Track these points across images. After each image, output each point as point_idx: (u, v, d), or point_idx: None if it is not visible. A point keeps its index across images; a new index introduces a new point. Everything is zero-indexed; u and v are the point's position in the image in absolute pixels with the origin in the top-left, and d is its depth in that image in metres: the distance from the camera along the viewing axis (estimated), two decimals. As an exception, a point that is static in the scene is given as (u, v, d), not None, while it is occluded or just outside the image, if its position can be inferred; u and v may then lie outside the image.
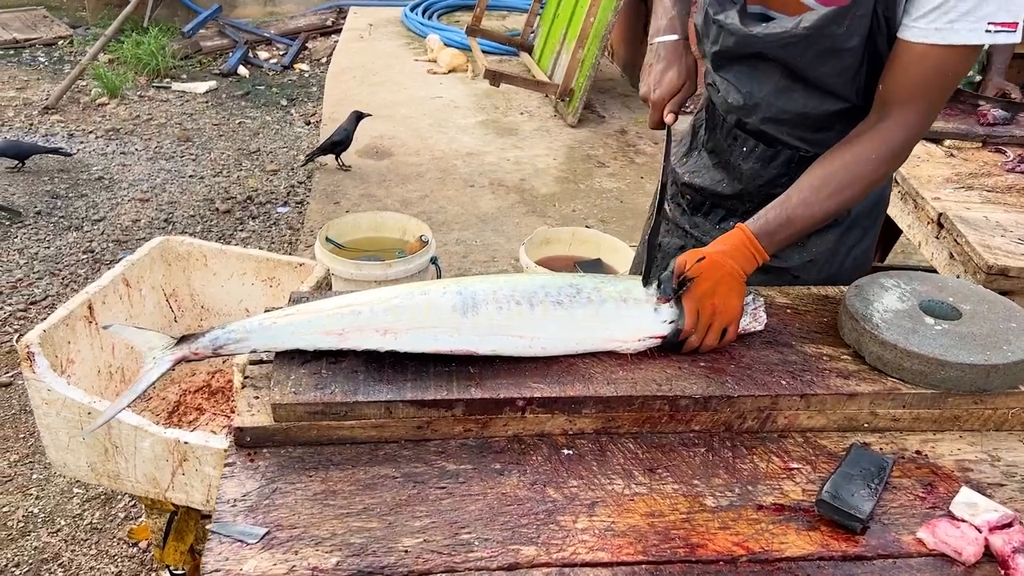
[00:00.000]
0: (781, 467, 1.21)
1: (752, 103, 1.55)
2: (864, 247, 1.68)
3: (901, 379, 1.29)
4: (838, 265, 1.66)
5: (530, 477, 1.17)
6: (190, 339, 1.26)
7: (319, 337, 1.25)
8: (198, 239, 2.37)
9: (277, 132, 5.68)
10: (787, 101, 1.51)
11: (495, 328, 1.27)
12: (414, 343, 1.25)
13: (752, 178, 1.64)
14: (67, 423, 1.92)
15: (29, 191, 4.61)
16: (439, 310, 1.27)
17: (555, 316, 1.30)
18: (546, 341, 1.29)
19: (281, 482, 1.14)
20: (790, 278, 1.67)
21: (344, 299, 1.30)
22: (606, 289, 1.34)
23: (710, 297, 1.32)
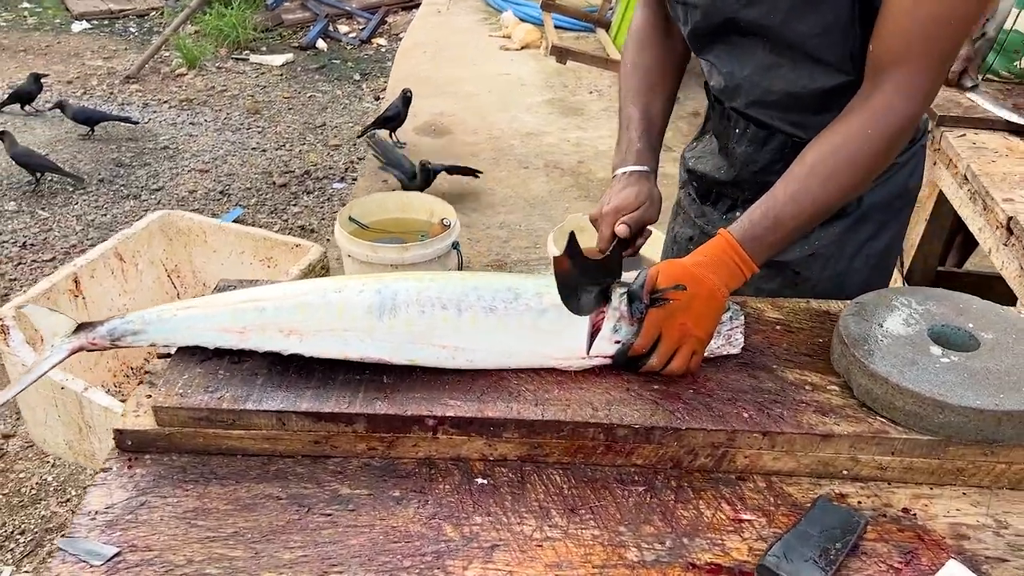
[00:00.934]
0: (730, 517, 1.02)
1: (734, 84, 1.36)
2: (881, 245, 1.44)
3: (892, 420, 1.07)
4: (847, 261, 1.43)
5: (430, 509, 1.02)
6: (88, 328, 1.16)
7: (218, 335, 1.13)
8: (198, 215, 2.29)
9: (345, 107, 5.63)
10: (772, 80, 1.30)
11: (414, 335, 1.12)
12: (321, 347, 1.11)
13: (745, 163, 1.44)
14: (43, 399, 1.87)
15: (96, 158, 4.70)
16: (352, 311, 1.12)
17: (486, 325, 1.13)
18: (472, 353, 1.12)
19: (152, 495, 1.03)
20: (791, 274, 1.45)
21: (252, 292, 1.17)
22: (549, 295, 1.16)
23: (681, 315, 1.12)
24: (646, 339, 1.12)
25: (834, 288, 1.43)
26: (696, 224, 1.61)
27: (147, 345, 1.16)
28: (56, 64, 6.12)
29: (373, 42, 6.88)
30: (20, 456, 2.72)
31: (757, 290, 1.47)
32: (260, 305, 1.14)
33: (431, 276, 1.18)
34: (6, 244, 3.86)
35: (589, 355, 1.14)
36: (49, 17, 7.16)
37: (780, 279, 1.46)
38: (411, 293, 1.14)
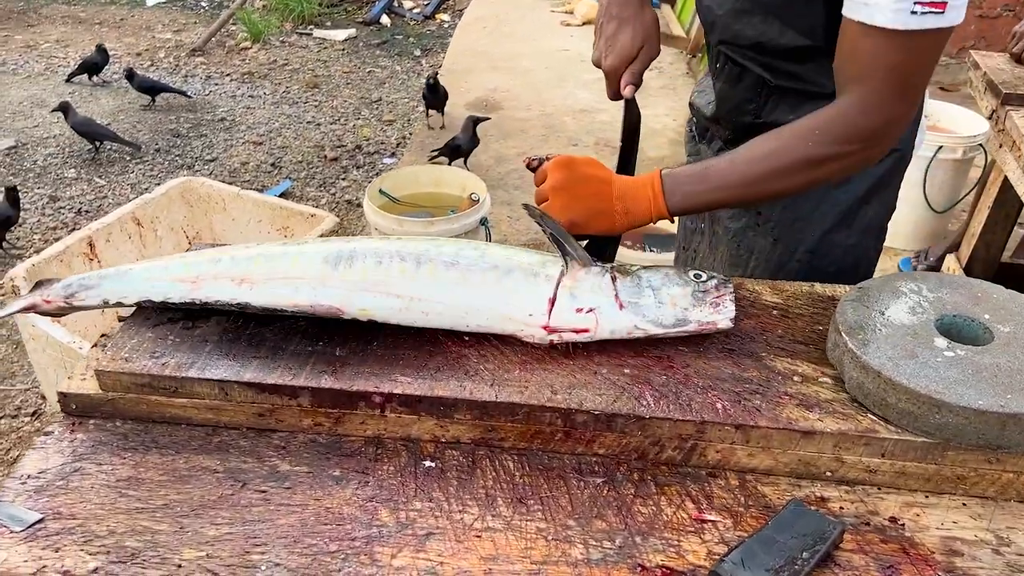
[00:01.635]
0: (692, 516, 0.92)
1: (710, 20, 1.36)
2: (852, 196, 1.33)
3: (884, 418, 0.96)
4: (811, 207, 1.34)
5: (369, 491, 0.95)
6: (44, 285, 1.13)
7: (171, 284, 1.08)
8: (218, 182, 2.27)
9: (403, 83, 5.60)
10: (744, 25, 1.28)
11: (368, 284, 1.05)
12: (271, 296, 1.06)
13: (723, 99, 1.42)
14: (53, 361, 1.88)
15: (154, 128, 4.78)
16: (308, 259, 1.07)
17: (445, 277, 1.06)
18: (427, 304, 1.05)
19: (88, 461, 0.99)
20: (754, 214, 1.42)
21: (213, 250, 1.13)
22: (518, 258, 1.09)
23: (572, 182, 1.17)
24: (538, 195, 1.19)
25: (793, 234, 1.37)
26: (688, 161, 1.59)
27: (99, 302, 1.12)
28: (128, 37, 6.26)
29: (436, 17, 6.84)
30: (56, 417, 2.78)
31: (725, 229, 1.46)
32: (216, 256, 1.10)
33: (398, 237, 1.12)
34: (63, 210, 3.96)
35: (551, 325, 1.06)
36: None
37: (746, 219, 1.43)
38: (371, 248, 1.08)
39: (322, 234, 1.98)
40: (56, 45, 6.03)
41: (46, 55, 5.82)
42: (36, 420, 2.79)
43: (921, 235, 3.39)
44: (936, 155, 3.16)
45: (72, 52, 5.85)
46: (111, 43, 5.64)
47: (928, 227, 3.38)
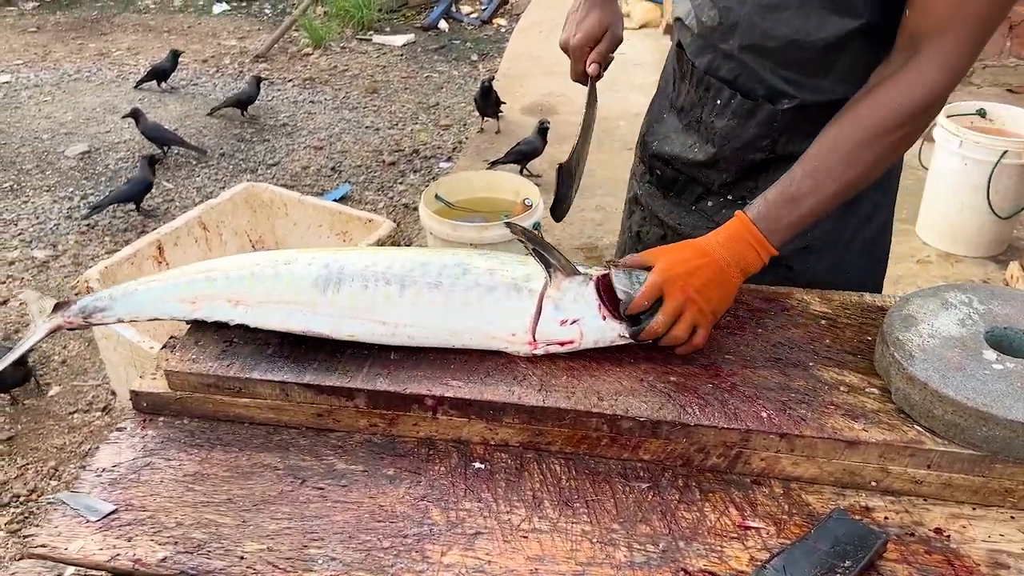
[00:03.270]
0: (736, 523, 0.94)
1: (730, 22, 1.22)
2: (874, 229, 1.33)
3: (930, 430, 0.96)
4: (842, 251, 1.32)
5: (420, 490, 0.99)
6: (63, 307, 1.18)
7: (174, 305, 1.14)
8: (280, 188, 2.35)
9: (460, 87, 5.66)
10: (774, 22, 1.17)
11: (356, 310, 1.09)
12: (265, 318, 1.10)
13: (727, 139, 1.30)
14: (123, 359, 1.97)
15: (219, 134, 4.92)
16: (298, 283, 1.11)
17: (428, 300, 1.09)
18: (413, 329, 1.08)
19: (158, 456, 1.05)
20: (783, 269, 1.30)
21: (207, 263, 1.17)
22: (502, 272, 1.10)
23: (684, 279, 1.06)
24: (646, 298, 1.06)
25: (831, 278, 1.32)
26: (665, 223, 1.46)
27: (115, 320, 1.17)
28: (195, 44, 6.45)
29: (494, 22, 6.89)
30: (126, 413, 2.90)
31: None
32: (211, 276, 1.14)
33: (385, 251, 1.16)
34: (132, 212, 4.10)
35: (535, 340, 1.08)
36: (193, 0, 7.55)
37: (771, 275, 1.32)
38: (357, 267, 1.11)
39: (379, 239, 2.03)
40: (127, 53, 6.24)
41: (118, 62, 6.03)
42: (106, 415, 2.91)
43: (985, 241, 3.31)
44: (1000, 160, 3.09)
45: (142, 59, 6.05)
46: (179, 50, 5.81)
47: (992, 233, 3.30)
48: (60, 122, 5.04)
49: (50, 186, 4.36)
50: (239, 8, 7.33)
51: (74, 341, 3.22)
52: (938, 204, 3.37)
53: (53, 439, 2.79)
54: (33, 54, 6.12)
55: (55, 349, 3.19)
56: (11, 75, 5.73)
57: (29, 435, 2.81)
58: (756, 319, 1.18)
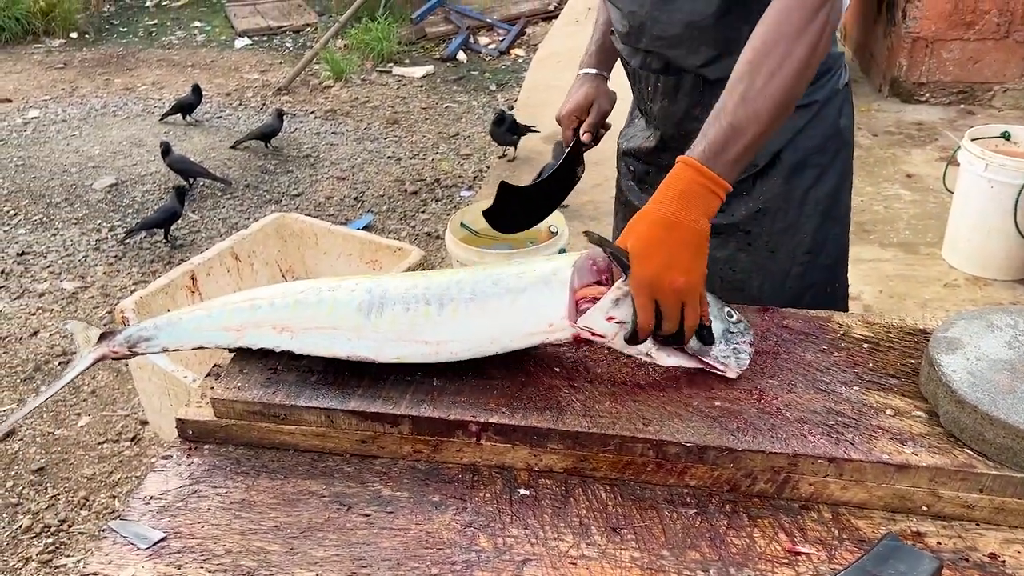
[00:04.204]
0: (786, 549, 0.93)
1: (637, 23, 1.38)
2: (827, 188, 1.42)
3: (981, 453, 0.95)
4: (796, 210, 1.41)
5: (467, 517, 0.99)
6: (108, 337, 1.20)
7: (219, 333, 1.15)
8: (311, 218, 2.37)
9: (479, 117, 5.71)
10: (671, 12, 1.32)
11: (398, 332, 1.10)
12: (311, 345, 1.12)
13: (664, 119, 1.45)
14: (157, 389, 1.99)
15: (244, 165, 4.98)
16: (343, 309, 1.12)
17: (466, 314, 1.09)
18: (455, 345, 1.09)
19: (205, 484, 1.06)
20: (741, 235, 1.43)
21: (252, 292, 1.19)
22: (530, 273, 1.11)
23: (668, 274, 1.03)
24: (645, 312, 1.04)
25: (789, 240, 1.42)
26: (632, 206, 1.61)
27: (160, 350, 1.19)
28: (218, 78, 6.55)
29: (511, 53, 6.96)
30: (153, 442, 2.91)
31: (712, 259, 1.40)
32: (256, 303, 1.15)
33: (424, 274, 1.17)
34: (159, 243, 4.15)
35: (577, 323, 1.07)
36: (216, 35, 7.68)
37: (733, 242, 1.43)
38: (399, 291, 1.13)
39: (408, 267, 2.05)
40: (152, 87, 6.34)
41: (143, 97, 6.13)
42: (135, 445, 2.92)
43: (1014, 265, 3.29)
44: (1027, 183, 3.08)
45: (167, 93, 6.15)
46: (202, 84, 5.90)
47: (1020, 256, 3.28)
48: (88, 156, 5.12)
49: (78, 219, 4.42)
50: (261, 42, 7.45)
51: (103, 371, 3.25)
52: (965, 228, 3.35)
53: (83, 469, 2.81)
54: (60, 90, 6.23)
55: (85, 380, 3.22)
56: (39, 110, 5.83)
57: (59, 465, 2.83)
58: (798, 343, 1.18)
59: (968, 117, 4.72)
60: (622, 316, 1.06)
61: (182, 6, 8.54)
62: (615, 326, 1.06)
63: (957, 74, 4.81)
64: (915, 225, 3.76)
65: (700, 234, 1.05)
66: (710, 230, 1.06)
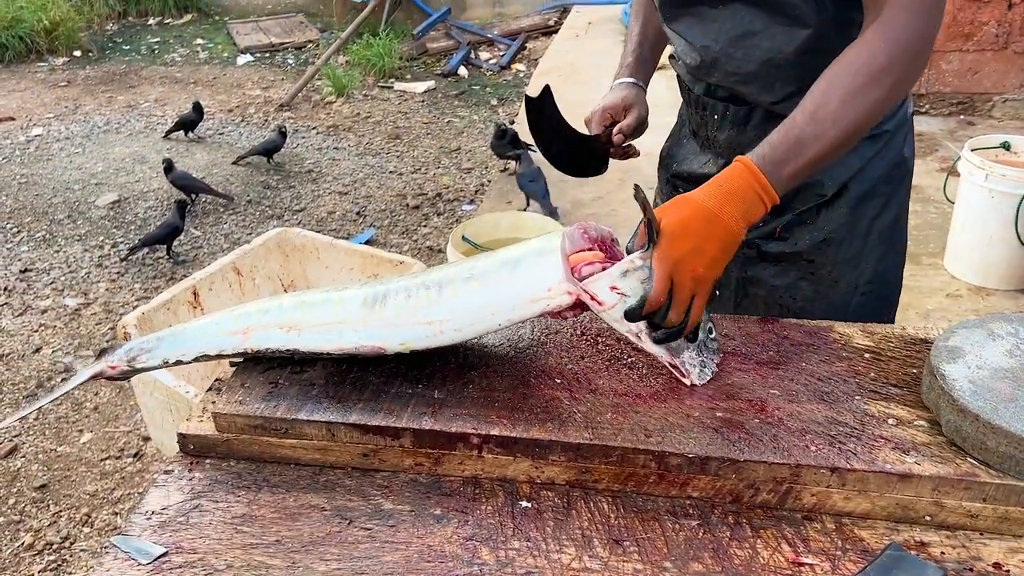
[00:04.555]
0: (789, 559, 0.93)
1: (710, 59, 1.33)
2: (890, 218, 1.39)
3: (984, 462, 0.95)
4: (861, 241, 1.38)
5: (469, 530, 0.99)
6: (107, 352, 1.20)
7: (225, 338, 1.15)
8: (312, 232, 2.38)
9: (481, 131, 5.74)
10: (748, 49, 1.28)
11: (401, 318, 1.10)
12: (318, 340, 1.12)
13: (730, 147, 1.39)
14: (160, 405, 1.98)
15: (246, 181, 5.00)
16: (348, 304, 1.13)
17: (465, 291, 1.09)
18: (457, 321, 1.09)
19: (206, 499, 1.06)
20: (804, 264, 1.40)
21: (259, 301, 1.19)
22: (526, 246, 1.11)
23: (692, 259, 1.04)
24: (660, 289, 1.04)
25: (852, 271, 1.40)
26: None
27: (160, 363, 1.19)
28: (220, 94, 6.59)
29: (512, 68, 7.00)
30: (155, 458, 2.91)
31: (771, 288, 1.41)
32: (264, 307, 1.16)
33: (426, 270, 1.18)
34: (161, 259, 4.16)
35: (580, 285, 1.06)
36: (219, 52, 7.73)
37: (795, 271, 1.41)
38: (401, 283, 1.13)
39: (411, 281, 2.06)
40: (155, 104, 6.38)
41: (146, 114, 6.16)
42: (138, 461, 2.92)
43: (1016, 274, 3.29)
44: (1028, 192, 3.08)
45: (169, 110, 6.18)
46: (205, 101, 5.94)
47: (1023, 265, 3.28)
48: (91, 173, 5.14)
49: (81, 235, 4.43)
50: (263, 59, 7.49)
51: (106, 388, 3.25)
52: (966, 238, 3.35)
53: (85, 486, 2.80)
54: (64, 107, 6.27)
55: (87, 396, 3.22)
56: (43, 128, 5.87)
57: (62, 482, 2.83)
58: (799, 353, 1.17)
59: (968, 128, 4.74)
60: (626, 289, 1.05)
61: (185, 24, 8.60)
62: (617, 297, 1.06)
63: (956, 85, 4.82)
64: (917, 236, 3.76)
65: (735, 235, 1.06)
66: (743, 237, 1.07)
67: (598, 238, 1.11)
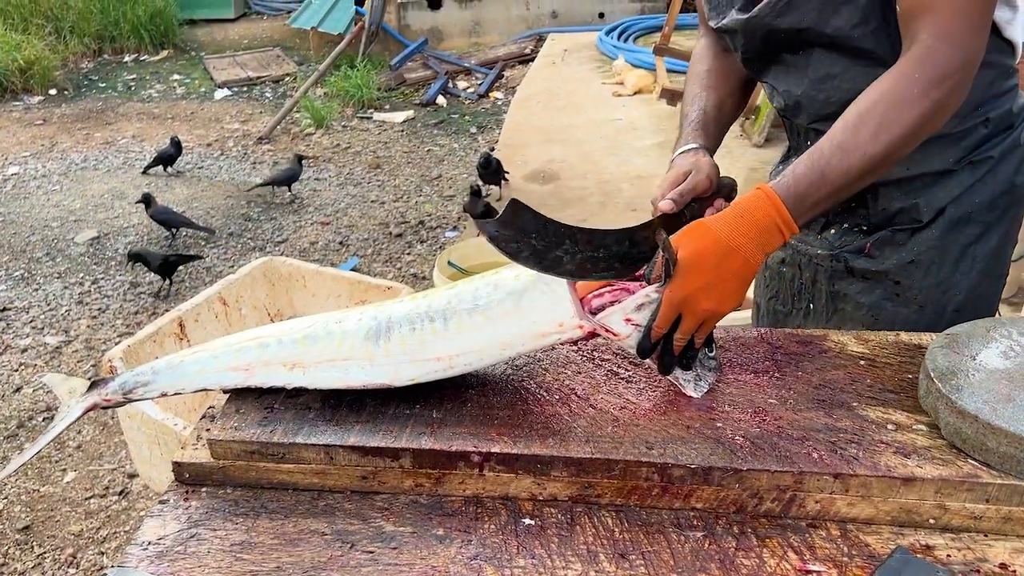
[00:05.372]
0: (796, 567, 0.92)
1: (793, 102, 1.34)
2: (990, 247, 1.33)
3: (985, 463, 0.95)
4: (951, 267, 1.33)
5: (472, 549, 0.98)
6: (100, 384, 1.17)
7: (225, 374, 1.13)
8: (298, 261, 2.37)
9: (461, 159, 5.76)
10: (829, 91, 1.28)
11: (409, 353, 1.09)
12: (324, 378, 1.10)
13: None
14: (147, 438, 1.96)
15: (227, 214, 4.99)
16: (352, 339, 1.11)
17: (471, 324, 1.08)
18: (466, 357, 1.08)
19: (203, 527, 1.04)
20: (891, 284, 1.36)
21: (257, 330, 1.17)
22: (526, 271, 1.08)
23: (706, 297, 1.04)
24: (662, 324, 1.04)
25: (939, 296, 1.34)
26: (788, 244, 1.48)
27: (158, 396, 1.17)
28: (198, 129, 6.58)
29: (490, 96, 7.05)
30: (141, 495, 2.86)
31: (856, 304, 1.39)
32: (264, 341, 1.13)
33: (424, 294, 1.15)
34: (142, 295, 4.13)
35: (596, 320, 1.06)
36: (196, 87, 7.74)
37: (880, 290, 1.37)
38: (403, 312, 1.12)
39: (399, 306, 2.05)
40: (132, 140, 6.36)
41: (124, 150, 6.14)
42: (123, 499, 2.87)
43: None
44: None
45: (148, 146, 6.17)
46: (183, 135, 5.93)
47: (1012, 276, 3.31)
48: (69, 210, 5.11)
49: (60, 273, 4.39)
50: (240, 93, 7.51)
51: (89, 425, 3.21)
52: None
53: (70, 526, 2.75)
54: (40, 145, 6.24)
55: (70, 434, 3.17)
56: (19, 167, 5.83)
57: (45, 523, 2.77)
58: (795, 363, 1.18)
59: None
60: (641, 320, 1.06)
61: (161, 60, 8.61)
62: (631, 328, 1.06)
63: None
64: None
65: (752, 267, 1.05)
66: (761, 263, 1.07)
67: None
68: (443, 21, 8.19)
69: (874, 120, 1.08)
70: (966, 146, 1.28)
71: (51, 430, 1.16)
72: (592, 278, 1.09)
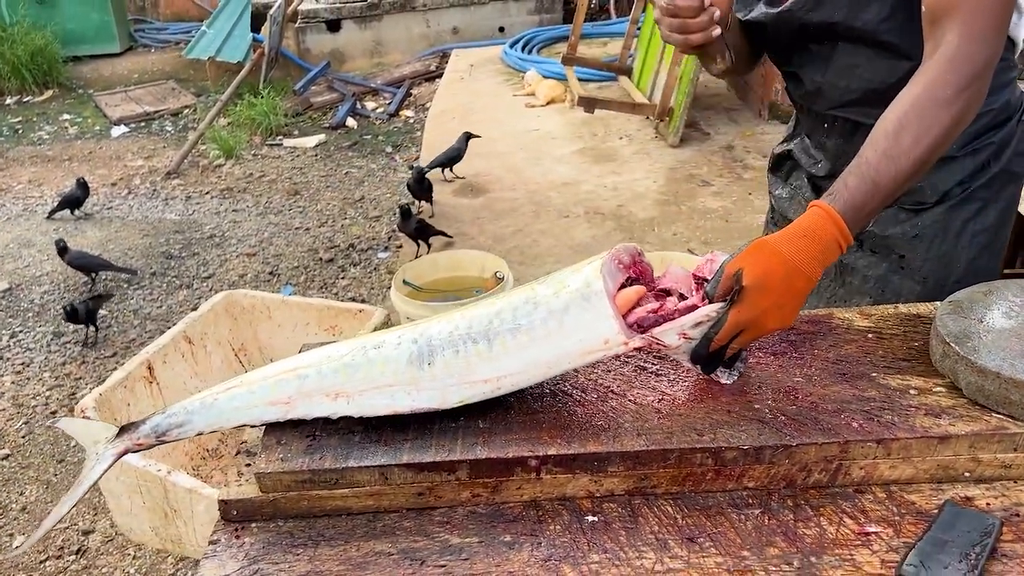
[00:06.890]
0: (855, 531, 0.98)
1: (815, 88, 1.43)
2: (988, 222, 1.43)
3: (1010, 415, 1.03)
4: (953, 240, 1.42)
5: (544, 551, 0.99)
6: (131, 429, 1.14)
7: (264, 409, 1.12)
8: (261, 292, 2.32)
9: (382, 179, 5.73)
10: (851, 79, 1.37)
11: (455, 376, 1.10)
12: (371, 405, 1.10)
13: (837, 155, 1.48)
14: (127, 487, 1.89)
15: (146, 253, 4.82)
16: (395, 364, 1.11)
17: (516, 345, 1.09)
18: (514, 378, 1.10)
19: (265, 562, 1.02)
20: (896, 258, 1.46)
21: (291, 361, 1.15)
22: (564, 288, 1.09)
23: (771, 317, 1.08)
24: (723, 337, 1.08)
25: (941, 269, 1.44)
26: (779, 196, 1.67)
27: (196, 434, 1.15)
28: (100, 168, 6.33)
29: (401, 115, 7.03)
30: (101, 551, 2.73)
31: (864, 277, 1.49)
32: (302, 373, 1.12)
33: (461, 312, 1.15)
34: (68, 344, 3.94)
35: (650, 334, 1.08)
36: (89, 125, 7.43)
37: (886, 265, 1.47)
38: (444, 336, 1.11)
39: (374, 328, 2.03)
40: (29, 185, 6.06)
41: (21, 196, 5.85)
42: (81, 557, 2.73)
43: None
44: None
45: (47, 190, 5.89)
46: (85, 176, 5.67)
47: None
48: (-27, 263, 4.83)
49: (-26, 329, 4.15)
50: (139, 128, 7.25)
51: (31, 485, 3.04)
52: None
53: (28, 592, 2.61)
54: (-72, 199, 5.87)
55: (11, 497, 3.00)
56: (-91, 222, 5.48)
57: (0, 593, 2.62)
58: (809, 341, 1.24)
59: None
60: (696, 335, 1.09)
61: (46, 100, 8.23)
62: (684, 341, 1.09)
63: None
64: None
65: (812, 284, 1.09)
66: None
67: (631, 263, 1.14)
68: (343, 43, 8.13)
69: (913, 125, 1.13)
70: (969, 133, 1.36)
71: (84, 480, 1.12)
72: None
